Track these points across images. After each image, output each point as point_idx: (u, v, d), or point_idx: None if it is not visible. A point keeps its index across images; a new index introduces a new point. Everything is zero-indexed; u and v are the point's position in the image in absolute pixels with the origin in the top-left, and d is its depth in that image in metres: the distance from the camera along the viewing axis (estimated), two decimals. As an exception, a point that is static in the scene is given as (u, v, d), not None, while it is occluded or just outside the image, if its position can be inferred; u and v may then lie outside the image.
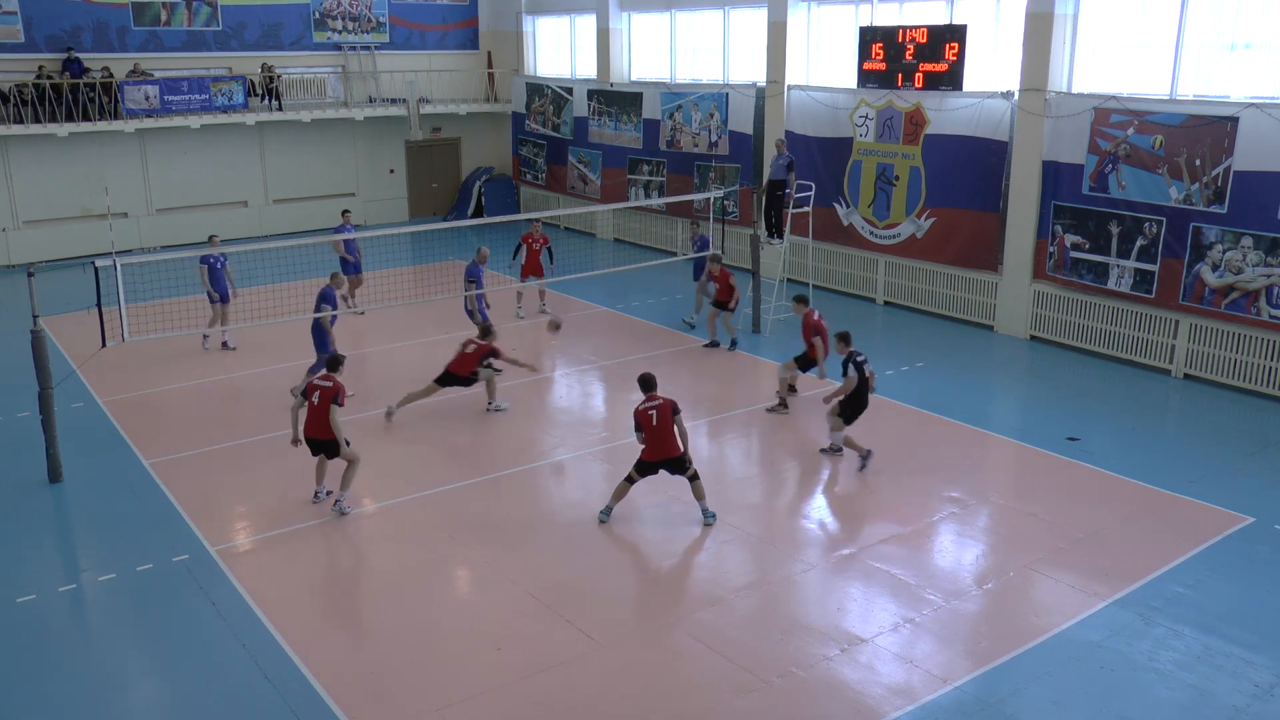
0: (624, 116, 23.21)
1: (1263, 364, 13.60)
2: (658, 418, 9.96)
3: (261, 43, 24.91)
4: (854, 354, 11.47)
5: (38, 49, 22.32)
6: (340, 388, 10.40)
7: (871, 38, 17.51)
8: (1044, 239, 15.75)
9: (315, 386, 10.42)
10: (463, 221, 20.90)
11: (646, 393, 10.16)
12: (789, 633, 8.37)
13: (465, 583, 9.42)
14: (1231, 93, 13.69)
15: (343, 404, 10.40)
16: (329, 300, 13.57)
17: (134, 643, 8.48)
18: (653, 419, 9.96)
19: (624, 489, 10.25)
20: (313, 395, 10.38)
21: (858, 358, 11.43)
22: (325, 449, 10.52)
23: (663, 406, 9.98)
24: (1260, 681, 7.69)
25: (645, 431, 10.00)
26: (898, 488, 11.06)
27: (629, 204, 22.53)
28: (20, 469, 11.59)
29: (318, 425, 10.37)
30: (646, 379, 10.28)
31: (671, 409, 10.00)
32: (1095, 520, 10.19)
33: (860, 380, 11.39)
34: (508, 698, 7.57)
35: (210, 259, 15.13)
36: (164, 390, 14.32)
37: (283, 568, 9.59)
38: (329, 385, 10.36)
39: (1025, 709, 7.40)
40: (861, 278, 18.81)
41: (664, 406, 9.99)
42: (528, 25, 26.99)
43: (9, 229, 22.34)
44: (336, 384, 10.39)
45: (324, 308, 13.43)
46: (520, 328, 17.01)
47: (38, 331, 11.06)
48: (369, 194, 26.71)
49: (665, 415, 9.97)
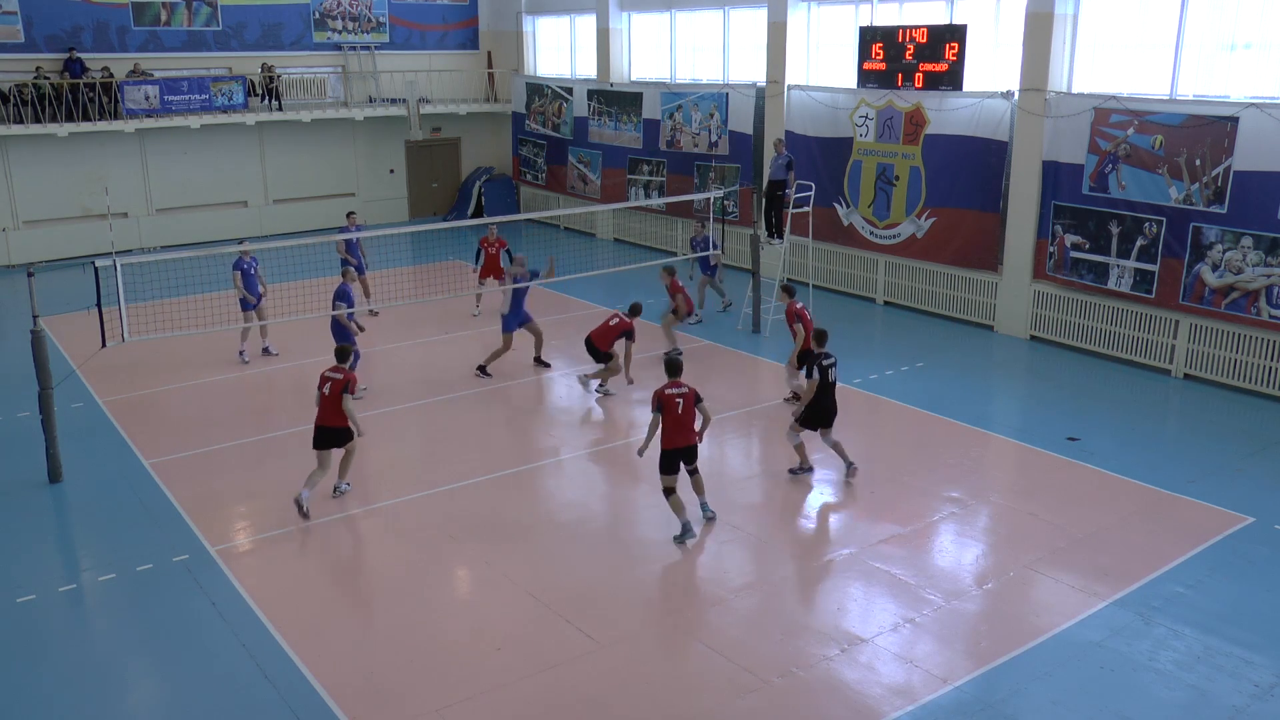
0: (624, 116, 23.21)
1: (1263, 364, 13.60)
2: (683, 405, 9.85)
3: (261, 43, 24.91)
4: (822, 355, 10.98)
5: (38, 49, 22.33)
6: (351, 378, 10.52)
7: (871, 38, 17.51)
8: (1044, 239, 15.74)
9: (326, 378, 10.49)
10: (463, 221, 20.93)
11: (672, 377, 10.00)
12: (789, 633, 8.37)
13: (465, 583, 9.42)
14: (1231, 93, 13.69)
15: (354, 393, 10.51)
16: (345, 297, 13.62)
17: (134, 643, 8.48)
18: (678, 406, 9.82)
19: (677, 502, 9.94)
20: (324, 386, 10.46)
21: (824, 360, 10.94)
22: (335, 438, 10.56)
23: (689, 394, 9.90)
24: (1260, 681, 7.69)
25: (667, 416, 9.84)
26: (898, 488, 11.06)
27: (629, 204, 22.52)
28: (20, 469, 11.59)
29: (328, 415, 10.45)
30: (673, 363, 10.11)
31: (695, 397, 9.94)
32: (1095, 520, 10.19)
33: (822, 383, 10.89)
34: (508, 698, 7.57)
35: (244, 263, 15.10)
36: (164, 390, 14.33)
37: (283, 568, 9.59)
38: (339, 376, 10.46)
39: (1025, 709, 7.40)
40: (861, 278, 18.81)
41: (689, 394, 9.90)
42: (528, 25, 27.00)
43: (9, 229, 22.34)
44: (347, 375, 10.51)
45: (339, 305, 13.46)
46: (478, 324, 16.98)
47: (38, 331, 11.06)
48: (369, 194, 26.71)
49: (690, 403, 9.90)
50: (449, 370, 15.05)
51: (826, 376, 10.94)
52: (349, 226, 18.07)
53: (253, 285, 15.16)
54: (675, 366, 10.07)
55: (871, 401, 13.66)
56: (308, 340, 15.64)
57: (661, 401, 9.83)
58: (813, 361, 10.94)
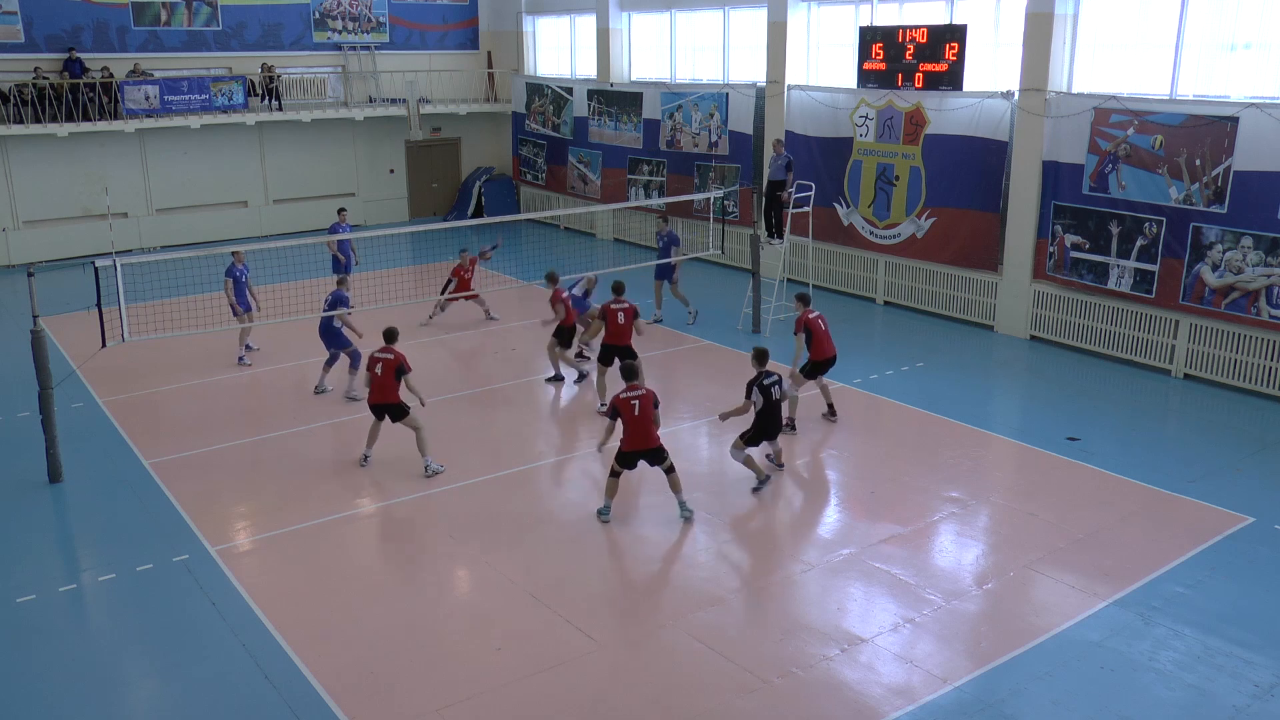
0: (624, 116, 23.21)
1: (1263, 364, 13.60)
2: (639, 408, 9.95)
3: (261, 43, 24.90)
4: (764, 375, 10.80)
5: (38, 49, 22.32)
6: (401, 357, 11.14)
7: (871, 38, 17.51)
8: (1044, 239, 15.74)
9: (376, 359, 11.16)
10: (463, 221, 20.90)
11: (629, 381, 10.14)
12: (789, 633, 8.37)
13: (465, 583, 9.42)
14: (1231, 93, 13.69)
15: (410, 369, 11.18)
16: (343, 302, 13.71)
17: (134, 643, 8.48)
18: (634, 409, 9.94)
19: (613, 485, 10.25)
20: (375, 367, 11.14)
21: (764, 380, 10.76)
22: (390, 412, 11.30)
23: (645, 397, 9.99)
24: (1260, 681, 7.69)
25: (625, 421, 9.97)
26: (898, 488, 11.06)
27: (629, 204, 22.53)
28: (20, 469, 11.59)
29: (382, 392, 11.17)
30: (629, 368, 10.27)
31: (653, 400, 10.02)
32: (1095, 520, 10.19)
33: (766, 403, 10.75)
34: (508, 698, 7.57)
35: (236, 270, 15.10)
36: (164, 390, 14.33)
37: (283, 568, 9.60)
38: (390, 357, 11.11)
39: (1025, 709, 7.40)
40: (861, 278, 18.81)
41: (646, 397, 9.99)
42: (528, 25, 27.00)
43: (9, 229, 22.34)
44: (398, 354, 11.15)
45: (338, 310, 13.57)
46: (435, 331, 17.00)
47: (38, 331, 11.06)
48: (369, 194, 26.71)
49: (647, 406, 9.97)
50: (449, 370, 15.06)
51: (769, 396, 10.78)
52: (340, 225, 18.10)
53: (242, 294, 15.13)
54: (631, 370, 10.25)
55: (871, 401, 13.66)
56: (308, 340, 15.63)
57: (617, 406, 10.01)
58: (752, 383, 10.77)
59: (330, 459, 12.07)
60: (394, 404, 11.23)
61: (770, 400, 10.81)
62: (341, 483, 11.32)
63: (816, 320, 12.51)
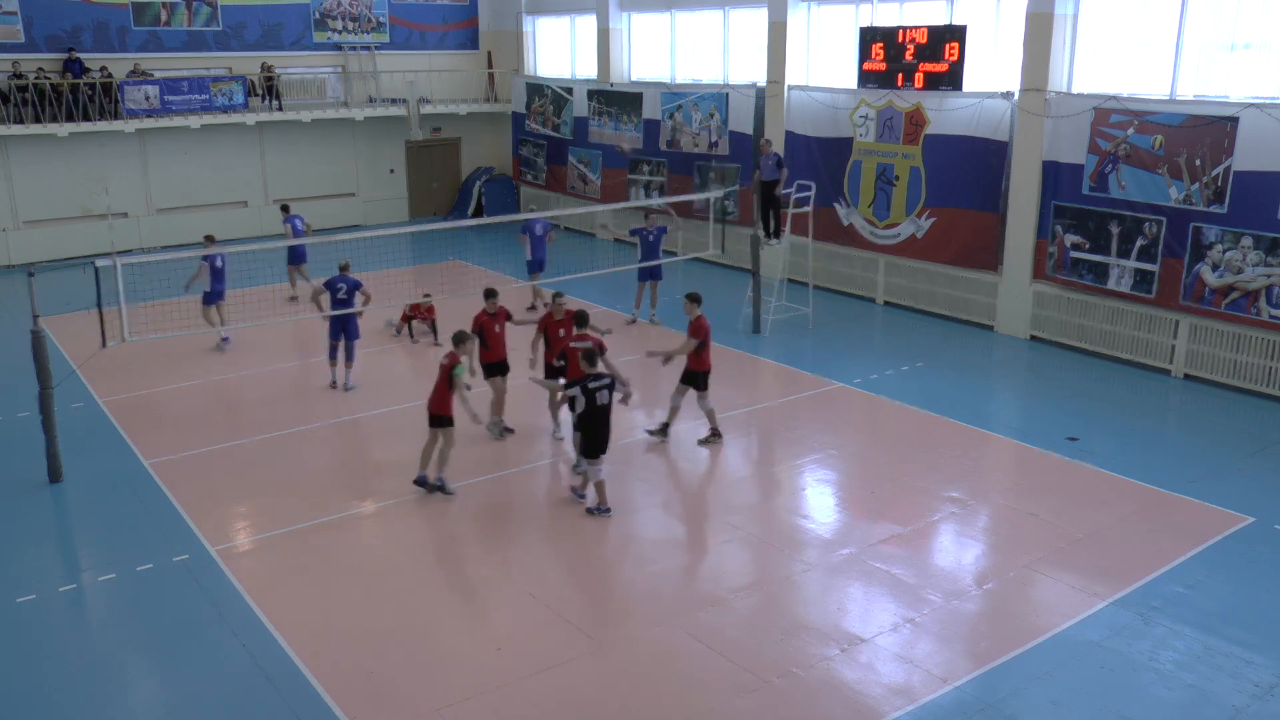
0: (624, 116, 23.21)
1: (1263, 364, 13.60)
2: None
3: (261, 43, 24.91)
4: (590, 377, 9.84)
5: (38, 49, 22.33)
6: (454, 359, 10.65)
7: (871, 38, 17.51)
8: (1044, 239, 15.74)
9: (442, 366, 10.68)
10: (463, 221, 20.91)
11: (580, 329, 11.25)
12: (789, 633, 8.37)
13: (465, 582, 9.43)
14: (1231, 93, 13.68)
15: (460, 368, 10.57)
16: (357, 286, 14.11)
17: (134, 643, 8.48)
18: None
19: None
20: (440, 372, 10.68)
21: (590, 383, 9.77)
22: (435, 422, 10.73)
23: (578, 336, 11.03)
24: (1260, 681, 7.69)
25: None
26: (898, 488, 11.06)
27: (629, 204, 22.50)
28: (20, 469, 11.59)
29: (439, 402, 10.67)
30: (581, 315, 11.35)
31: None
32: (1095, 520, 10.19)
33: (589, 408, 9.75)
34: (508, 698, 7.57)
35: (213, 257, 15.17)
36: (164, 390, 14.33)
37: (283, 568, 9.60)
38: (445, 361, 10.65)
39: (1025, 709, 7.40)
40: (861, 278, 18.81)
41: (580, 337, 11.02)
42: (528, 25, 27.00)
43: (9, 229, 22.34)
44: (451, 357, 10.65)
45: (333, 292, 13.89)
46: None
47: (38, 331, 11.06)
48: (369, 194, 26.72)
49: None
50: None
51: (594, 401, 9.78)
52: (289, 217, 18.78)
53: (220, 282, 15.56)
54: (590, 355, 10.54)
55: (871, 401, 13.66)
56: (307, 340, 15.64)
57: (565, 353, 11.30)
58: (579, 383, 9.85)
59: (331, 459, 12.08)
60: (437, 414, 10.67)
61: (595, 404, 9.73)
62: (341, 483, 11.32)
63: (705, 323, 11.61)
